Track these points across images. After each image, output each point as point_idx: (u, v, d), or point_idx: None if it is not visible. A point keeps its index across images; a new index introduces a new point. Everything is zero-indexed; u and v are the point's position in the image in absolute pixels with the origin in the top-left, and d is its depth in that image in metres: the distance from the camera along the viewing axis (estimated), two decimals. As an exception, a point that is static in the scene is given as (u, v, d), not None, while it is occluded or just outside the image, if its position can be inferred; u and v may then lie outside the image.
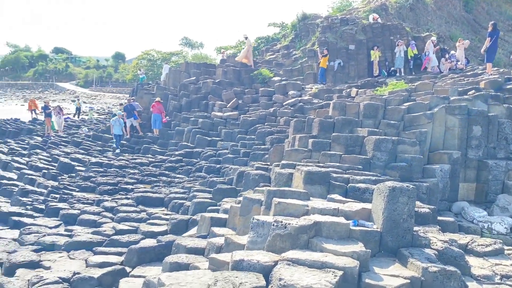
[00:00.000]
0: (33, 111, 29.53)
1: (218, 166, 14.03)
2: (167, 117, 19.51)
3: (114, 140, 18.03)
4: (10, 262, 7.04)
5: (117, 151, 17.33)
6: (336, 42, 20.63)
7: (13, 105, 60.88)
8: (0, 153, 17.62)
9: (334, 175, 7.90)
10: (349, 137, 10.12)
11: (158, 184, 13.03)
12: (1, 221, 9.88)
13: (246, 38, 22.87)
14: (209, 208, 9.35)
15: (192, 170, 14.33)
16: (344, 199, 6.88)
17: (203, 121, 18.01)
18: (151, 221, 9.41)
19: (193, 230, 8.24)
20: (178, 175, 14.05)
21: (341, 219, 5.67)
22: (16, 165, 15.35)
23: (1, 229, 9.55)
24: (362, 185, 7.44)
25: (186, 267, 5.93)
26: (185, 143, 17.21)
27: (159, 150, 17.25)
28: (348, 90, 16.83)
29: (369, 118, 11.21)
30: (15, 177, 14.04)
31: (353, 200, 6.85)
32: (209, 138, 16.89)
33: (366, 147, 9.79)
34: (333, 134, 10.44)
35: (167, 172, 14.43)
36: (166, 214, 9.95)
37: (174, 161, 15.40)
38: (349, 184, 7.63)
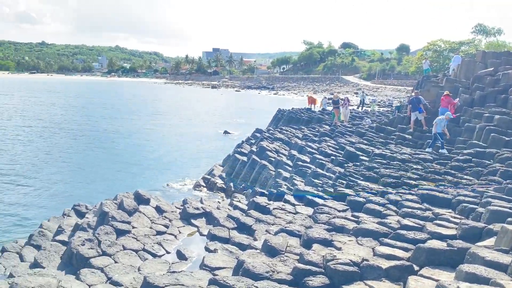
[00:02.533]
0: (311, 105, 32.76)
1: (518, 171, 12.08)
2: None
3: (434, 139, 16.18)
4: (308, 236, 7.95)
5: (442, 151, 15.69)
6: None
7: (304, 96, 69.38)
8: (296, 138, 20.32)
9: None
10: None
11: (442, 183, 12.23)
12: (298, 198, 11.34)
13: None
14: (509, 219, 8.10)
15: (483, 173, 12.81)
16: None
17: (500, 118, 15.80)
18: (437, 221, 8.88)
19: (489, 241, 7.31)
20: (465, 176, 12.82)
21: None
22: (309, 149, 17.33)
23: (298, 205, 10.99)
24: None
25: (485, 281, 5.30)
26: (476, 141, 15.54)
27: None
28: None
29: None
30: (308, 160, 15.87)
31: None
32: (507, 138, 14.75)
33: None
34: None
35: (452, 171, 13.36)
36: (454, 217, 9.21)
37: (461, 161, 14.13)
38: None
